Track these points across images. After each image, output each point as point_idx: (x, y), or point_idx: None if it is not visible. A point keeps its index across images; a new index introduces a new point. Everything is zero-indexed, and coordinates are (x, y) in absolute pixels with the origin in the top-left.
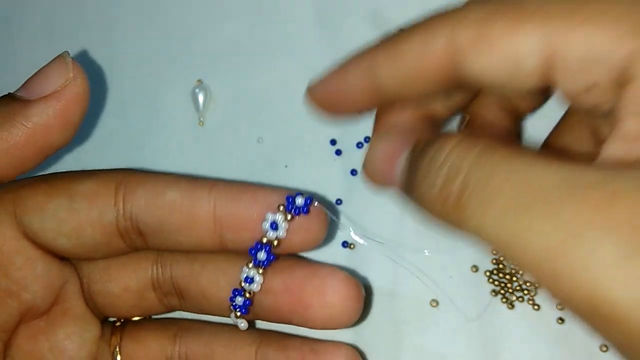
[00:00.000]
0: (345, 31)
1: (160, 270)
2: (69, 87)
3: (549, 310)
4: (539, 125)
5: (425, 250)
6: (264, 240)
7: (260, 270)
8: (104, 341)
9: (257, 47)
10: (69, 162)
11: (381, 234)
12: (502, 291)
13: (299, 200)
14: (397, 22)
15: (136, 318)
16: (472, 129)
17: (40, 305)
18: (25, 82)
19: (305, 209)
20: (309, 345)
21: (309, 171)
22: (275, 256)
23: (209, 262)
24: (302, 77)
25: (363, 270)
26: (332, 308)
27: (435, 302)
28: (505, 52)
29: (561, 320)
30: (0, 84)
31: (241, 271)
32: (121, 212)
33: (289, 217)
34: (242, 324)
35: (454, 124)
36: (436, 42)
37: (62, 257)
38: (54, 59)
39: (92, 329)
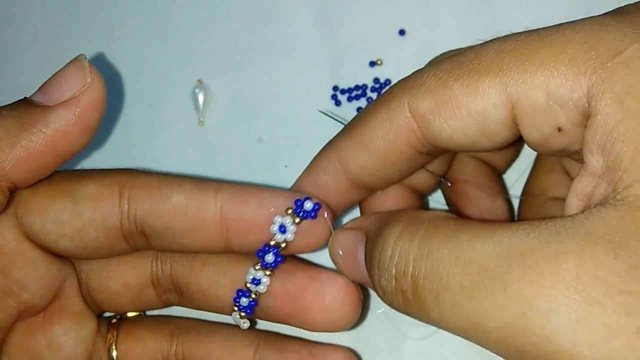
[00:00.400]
0: (345, 31)
1: (160, 266)
2: (87, 92)
3: None
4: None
5: None
6: (272, 242)
7: (268, 272)
8: (100, 337)
9: (257, 47)
10: (68, 162)
11: None
12: None
13: (308, 205)
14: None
15: (132, 314)
16: (455, 193)
17: (39, 304)
18: (43, 86)
19: (313, 214)
20: (308, 348)
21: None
22: (282, 258)
23: (209, 261)
24: (302, 77)
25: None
26: (330, 312)
27: None
28: (469, 112)
29: None
30: (0, 83)
31: (247, 272)
32: (125, 215)
33: (296, 220)
34: (245, 324)
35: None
36: (398, 117)
37: (62, 256)
38: (70, 62)
39: (89, 325)
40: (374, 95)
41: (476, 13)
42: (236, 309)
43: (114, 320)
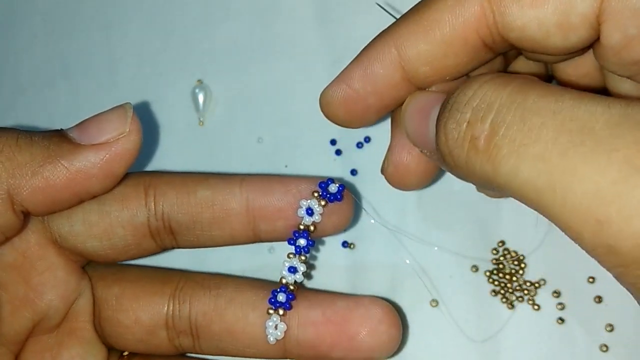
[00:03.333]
0: (345, 31)
1: (178, 306)
2: (122, 141)
3: (549, 310)
4: None
5: (435, 247)
6: (301, 226)
7: (303, 258)
8: None
9: (257, 47)
10: None
11: (380, 234)
12: (502, 291)
13: (332, 188)
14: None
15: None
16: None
17: (52, 317)
18: (82, 123)
19: (339, 196)
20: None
21: (309, 171)
22: (313, 242)
23: (235, 298)
24: (302, 77)
25: (363, 270)
26: (379, 336)
27: (435, 302)
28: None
29: (561, 320)
30: (0, 84)
31: (282, 263)
32: (152, 211)
33: (322, 202)
34: (279, 334)
35: None
36: (470, 3)
37: (86, 264)
38: (116, 107)
39: (99, 356)
40: None
41: None
42: (272, 311)
43: (126, 353)
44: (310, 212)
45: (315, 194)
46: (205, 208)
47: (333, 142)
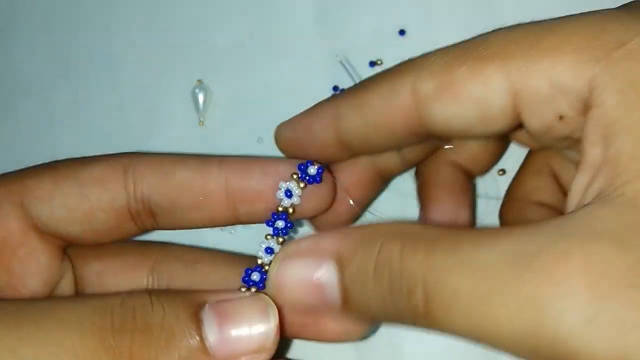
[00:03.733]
0: (345, 31)
1: (156, 280)
2: (254, 357)
3: None
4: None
5: None
6: (280, 208)
7: (280, 240)
8: None
9: (257, 47)
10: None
11: None
12: None
13: (312, 170)
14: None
15: None
16: (424, 185)
17: None
18: (224, 329)
19: (318, 178)
20: None
21: None
22: (292, 224)
23: (211, 273)
24: (302, 77)
25: None
26: (345, 324)
27: None
28: (471, 96)
29: None
30: (0, 84)
31: (260, 244)
32: (132, 194)
33: (302, 185)
34: None
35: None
36: (400, 93)
37: (67, 246)
38: (258, 313)
39: None
40: None
41: (476, 13)
42: (244, 289)
43: None
44: (289, 194)
45: (294, 176)
46: (184, 191)
47: None
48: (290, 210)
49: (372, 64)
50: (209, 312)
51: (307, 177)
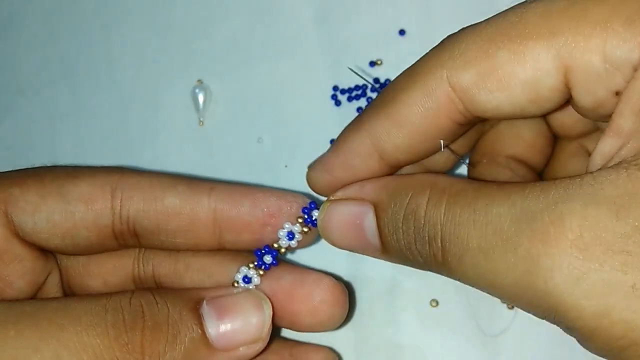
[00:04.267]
0: (345, 31)
1: (142, 267)
2: (250, 350)
3: None
4: None
5: None
6: (275, 245)
7: (261, 272)
8: None
9: (257, 47)
10: (69, 162)
11: None
12: None
13: (316, 213)
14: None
15: None
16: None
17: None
18: (221, 317)
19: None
20: (288, 349)
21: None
22: (277, 263)
23: (193, 264)
24: (302, 77)
25: (363, 270)
26: (319, 314)
27: (435, 302)
28: (518, 81)
29: None
30: (0, 84)
31: (239, 271)
32: (118, 215)
33: (305, 229)
34: None
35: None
36: (436, 92)
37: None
38: (254, 305)
39: None
40: (374, 96)
41: (476, 13)
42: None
43: None
44: (290, 236)
45: (300, 220)
46: (172, 216)
47: (333, 142)
48: (283, 250)
49: (372, 64)
50: (208, 308)
51: (313, 220)
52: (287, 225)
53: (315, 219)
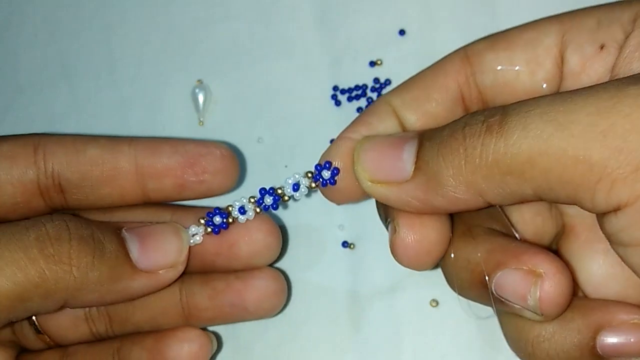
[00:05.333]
0: (345, 31)
1: (42, 168)
2: (170, 273)
3: None
4: None
5: None
6: (280, 191)
7: (257, 209)
8: None
9: (257, 47)
10: None
11: (380, 233)
12: None
13: (326, 173)
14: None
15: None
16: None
17: None
18: (143, 240)
19: (332, 181)
20: (234, 273)
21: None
22: (277, 207)
23: (127, 218)
24: (302, 77)
25: (363, 270)
26: (255, 244)
27: (435, 302)
28: (521, 40)
29: None
30: (0, 84)
31: (234, 206)
32: (42, 170)
33: (313, 185)
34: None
35: None
36: (452, 61)
37: None
38: (173, 232)
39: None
40: (374, 96)
41: (476, 13)
42: (206, 225)
43: None
44: (296, 187)
45: (309, 174)
46: (95, 166)
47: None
48: (286, 198)
49: (372, 63)
50: (129, 233)
51: (321, 180)
52: (296, 176)
53: (326, 179)
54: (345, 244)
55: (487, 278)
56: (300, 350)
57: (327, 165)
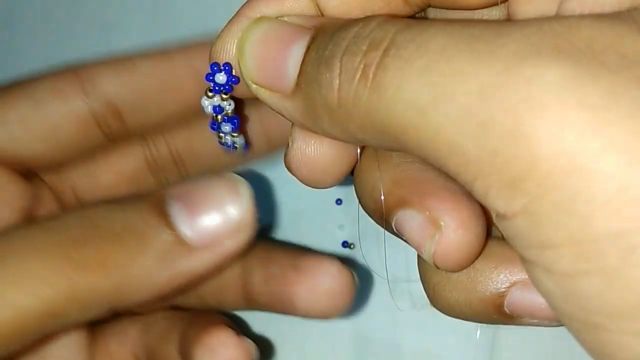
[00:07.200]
0: None
1: (154, 149)
2: (235, 238)
3: None
4: None
5: None
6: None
7: (225, 96)
8: None
9: None
10: None
11: (380, 233)
12: None
13: (220, 77)
14: None
15: None
16: None
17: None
18: (193, 212)
19: (233, 81)
20: (294, 258)
21: None
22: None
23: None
24: None
25: (364, 270)
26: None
27: None
28: None
29: None
30: (0, 84)
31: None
32: (93, 96)
33: (216, 97)
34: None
35: None
36: None
37: (34, 173)
38: (224, 184)
39: None
40: None
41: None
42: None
43: None
44: (219, 109)
45: (209, 93)
46: (150, 79)
47: None
48: (220, 136)
49: None
50: (175, 205)
51: (218, 87)
52: (205, 102)
53: (221, 85)
54: (345, 244)
55: (383, 215)
56: (299, 350)
57: (218, 68)
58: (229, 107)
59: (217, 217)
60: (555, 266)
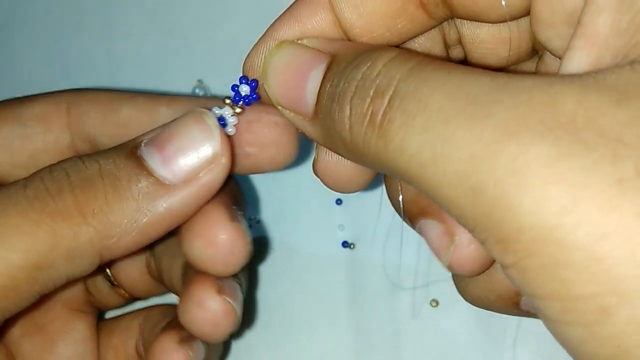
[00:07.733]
0: None
1: (77, 134)
2: (213, 171)
3: None
4: None
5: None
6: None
7: (237, 109)
8: None
9: None
10: None
11: (381, 233)
12: None
13: (244, 88)
14: None
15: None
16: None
17: None
18: (164, 149)
19: (255, 96)
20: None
21: (308, 171)
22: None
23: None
24: None
25: (363, 270)
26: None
27: (435, 302)
28: None
29: None
30: (0, 84)
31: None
32: (77, 133)
33: (237, 109)
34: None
35: None
36: None
37: None
38: (193, 118)
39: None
40: None
41: None
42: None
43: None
44: (222, 122)
45: (227, 100)
46: (131, 129)
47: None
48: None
49: None
50: (147, 148)
51: (242, 99)
52: (216, 111)
53: (246, 95)
54: (345, 244)
55: (410, 221)
56: (300, 350)
57: (246, 81)
58: (232, 120)
59: (190, 154)
60: (546, 313)
